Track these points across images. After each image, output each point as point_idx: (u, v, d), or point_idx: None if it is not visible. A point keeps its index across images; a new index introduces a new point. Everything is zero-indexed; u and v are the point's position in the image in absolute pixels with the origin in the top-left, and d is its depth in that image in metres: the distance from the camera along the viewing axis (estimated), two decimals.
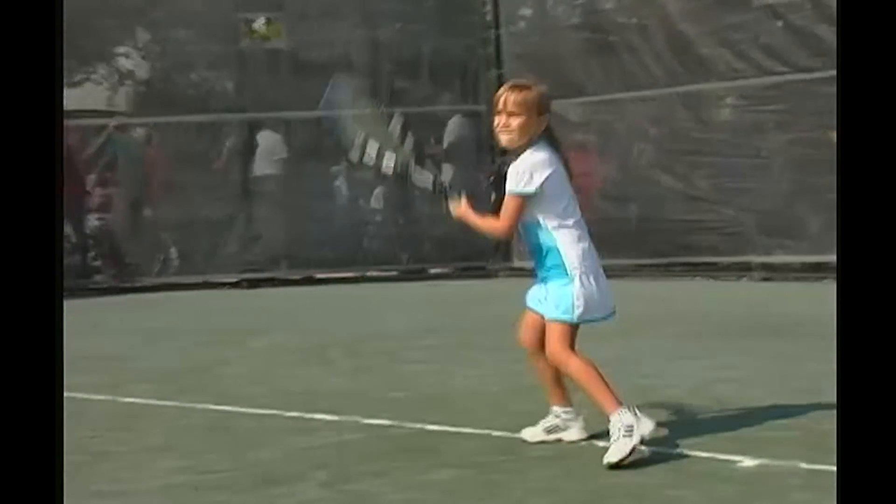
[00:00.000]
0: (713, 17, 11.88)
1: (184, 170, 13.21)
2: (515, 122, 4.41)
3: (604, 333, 5.67)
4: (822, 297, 10.09)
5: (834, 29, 10.90)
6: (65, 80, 14.61)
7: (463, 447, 4.67)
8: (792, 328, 7.97)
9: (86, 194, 13.19)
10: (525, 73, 13.48)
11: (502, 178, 4.59)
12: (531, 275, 12.31)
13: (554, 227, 4.44)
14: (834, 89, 11.12)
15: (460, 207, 4.60)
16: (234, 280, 12.78)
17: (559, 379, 4.62)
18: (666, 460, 4.29)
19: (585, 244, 4.47)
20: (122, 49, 15.18)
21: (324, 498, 4.00)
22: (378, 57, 13.38)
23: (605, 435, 4.57)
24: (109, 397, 6.03)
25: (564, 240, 4.43)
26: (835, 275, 10.87)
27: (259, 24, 16.78)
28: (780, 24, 11.48)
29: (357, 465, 4.40)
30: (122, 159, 13.28)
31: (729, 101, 11.98)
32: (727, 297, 10.61)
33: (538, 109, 4.44)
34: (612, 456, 4.17)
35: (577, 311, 4.39)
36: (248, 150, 13.29)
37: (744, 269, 11.79)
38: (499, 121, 4.44)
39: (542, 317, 4.54)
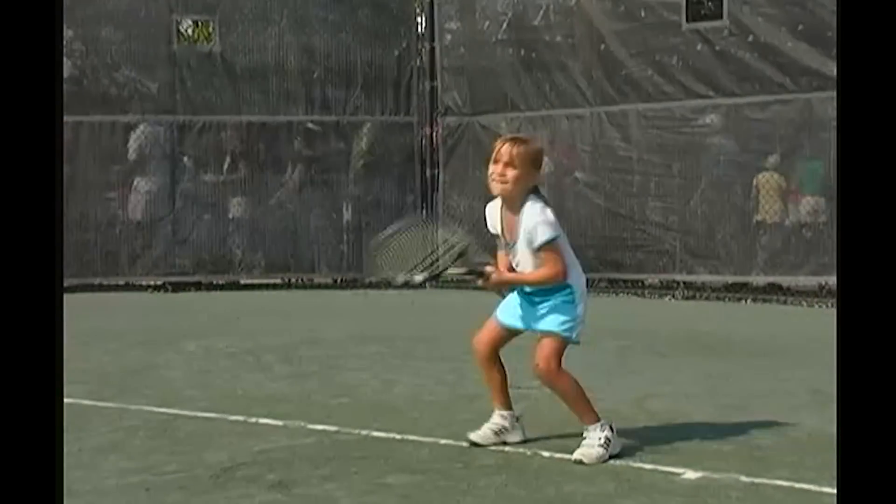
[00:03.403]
0: (642, 40, 12.14)
1: (107, 171, 13.09)
2: (511, 173, 4.62)
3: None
4: (746, 317, 10.44)
5: (757, 56, 11.34)
6: None
7: (412, 454, 4.74)
8: (718, 346, 8.19)
9: None
10: (456, 85, 13.66)
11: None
12: (459, 287, 12.31)
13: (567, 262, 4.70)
14: (759, 114, 11.44)
15: (495, 276, 4.71)
16: (158, 283, 12.69)
17: (505, 385, 4.87)
18: (613, 471, 4.43)
19: (580, 272, 4.78)
20: None
21: (279, 500, 4.05)
22: (311, 64, 13.40)
23: (550, 447, 4.72)
24: None
25: (573, 270, 4.71)
26: (754, 295, 11.20)
27: (186, 26, 16.71)
28: (706, 48, 11.76)
29: (309, 470, 4.45)
30: None
31: (656, 122, 12.21)
32: (653, 314, 10.83)
33: (535, 164, 4.70)
34: (585, 457, 4.55)
35: (577, 330, 4.68)
36: (176, 152, 13.20)
37: (668, 288, 12.05)
38: (494, 169, 4.66)
39: (516, 331, 4.79)
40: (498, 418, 4.88)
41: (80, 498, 4.05)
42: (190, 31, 17.29)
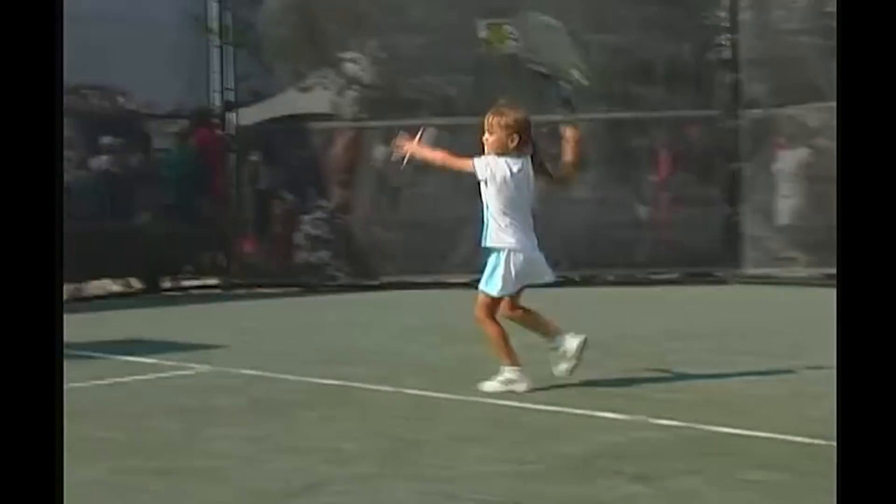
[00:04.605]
0: None
1: (420, 172, 13.52)
2: (491, 138, 5.94)
3: None
4: None
5: None
6: (295, 85, 15.20)
7: (767, 450, 4.67)
8: None
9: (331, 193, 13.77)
10: (758, 77, 13.28)
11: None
12: (762, 282, 12.16)
13: (492, 212, 5.93)
14: None
15: (411, 143, 6.15)
16: (466, 280, 12.98)
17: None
18: None
19: (519, 234, 5.92)
20: (349, 55, 15.52)
21: (644, 493, 4.06)
22: (612, 62, 13.39)
23: None
24: (392, 389, 6.25)
25: (497, 223, 5.92)
26: None
27: (484, 29, 17.04)
28: None
29: (666, 463, 4.45)
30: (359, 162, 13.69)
31: None
32: None
33: (510, 130, 5.89)
34: (484, 386, 5.94)
35: (496, 287, 5.94)
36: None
37: None
38: (485, 136, 5.95)
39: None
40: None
41: (451, 484, 4.20)
42: (488, 34, 17.63)
